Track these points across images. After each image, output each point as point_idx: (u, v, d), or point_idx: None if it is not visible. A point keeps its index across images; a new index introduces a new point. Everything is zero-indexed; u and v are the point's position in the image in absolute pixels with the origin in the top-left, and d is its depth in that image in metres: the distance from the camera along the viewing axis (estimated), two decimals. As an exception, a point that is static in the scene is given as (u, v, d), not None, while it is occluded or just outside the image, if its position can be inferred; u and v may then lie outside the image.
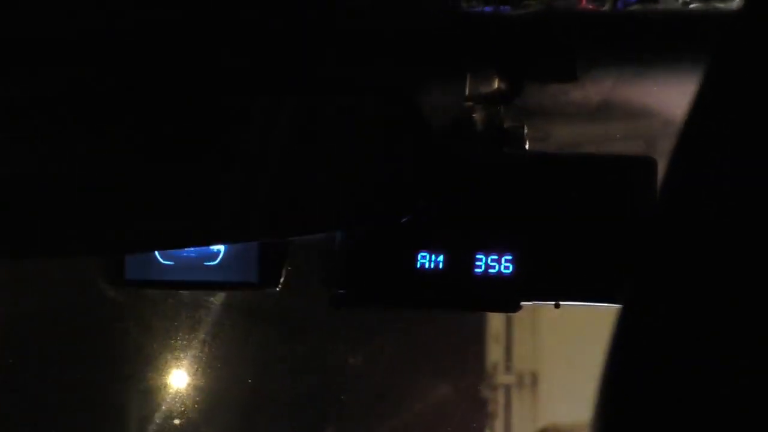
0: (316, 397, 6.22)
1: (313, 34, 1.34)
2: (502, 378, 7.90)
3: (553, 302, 1.27)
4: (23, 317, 6.22)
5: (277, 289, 1.38)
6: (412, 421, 7.15)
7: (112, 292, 5.34)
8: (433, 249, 1.25)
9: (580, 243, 1.22)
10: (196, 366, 5.69)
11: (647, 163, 1.26)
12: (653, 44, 1.26)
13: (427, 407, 7.34)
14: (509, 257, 1.24)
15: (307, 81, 1.32)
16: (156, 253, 1.43)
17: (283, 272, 1.38)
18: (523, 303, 1.29)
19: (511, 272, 1.24)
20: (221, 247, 1.39)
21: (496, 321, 7.85)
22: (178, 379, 5.89)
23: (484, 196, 1.27)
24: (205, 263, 1.36)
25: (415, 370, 6.58)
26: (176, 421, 5.57)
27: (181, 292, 4.81)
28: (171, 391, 5.96)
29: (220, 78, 1.30)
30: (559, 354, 7.45)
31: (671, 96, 1.36)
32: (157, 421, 5.70)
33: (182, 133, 1.29)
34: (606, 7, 1.07)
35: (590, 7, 1.07)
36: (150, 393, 6.07)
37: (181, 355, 5.70)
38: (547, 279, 1.23)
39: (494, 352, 7.88)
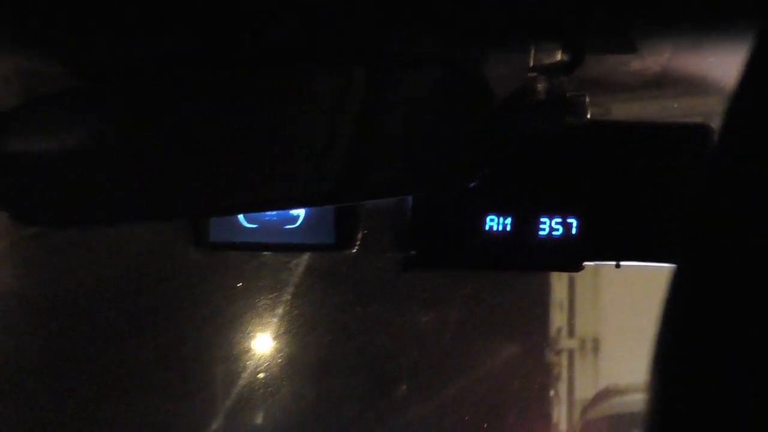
0: (390, 355, 6.26)
1: (382, 8, 1.34)
2: (566, 342, 7.89)
3: (614, 262, 1.25)
4: (112, 281, 6.33)
5: (353, 250, 1.37)
6: (480, 381, 7.20)
7: (197, 255, 5.44)
8: (500, 212, 1.27)
9: (640, 206, 1.22)
10: (278, 325, 5.79)
11: (704, 130, 1.25)
12: (707, 15, 1.24)
13: (493, 368, 7.37)
14: (572, 220, 1.24)
15: (376, 53, 1.32)
16: (240, 216, 1.43)
17: (359, 235, 1.43)
18: (585, 263, 1.27)
19: (574, 234, 1.25)
20: (301, 211, 1.42)
21: (559, 287, 7.88)
22: (261, 338, 6.34)
23: (548, 162, 1.28)
24: (286, 226, 1.41)
25: (482, 332, 6.67)
26: (260, 375, 5.70)
27: (263, 254, 4.90)
28: (255, 349, 6.35)
29: (295, 50, 1.31)
30: (620, 319, 7.39)
31: (729, 70, 1.34)
32: (244, 376, 5.81)
33: (261, 105, 1.29)
34: None
35: None
36: (236, 354, 5.98)
37: (264, 314, 5.82)
38: (609, 240, 1.23)
39: (558, 318, 7.89)
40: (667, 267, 1.31)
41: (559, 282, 7.81)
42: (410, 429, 6.69)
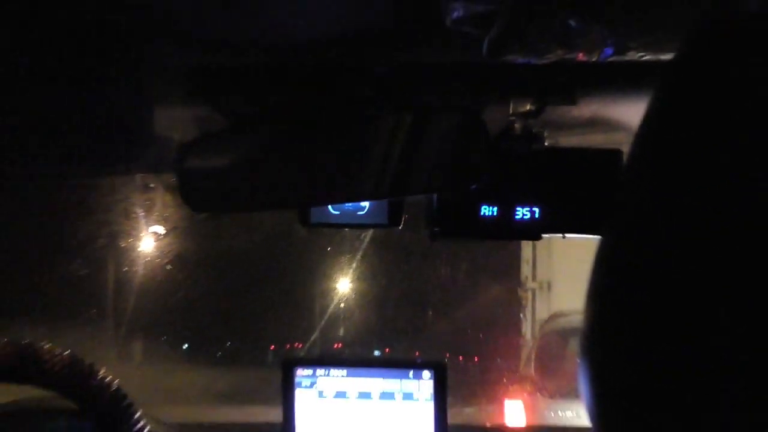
0: (423, 293, 6.79)
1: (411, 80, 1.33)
2: (530, 284, 8.18)
3: (561, 234, 1.27)
4: (250, 246, 6.94)
5: (399, 227, 1.42)
6: (478, 308, 7.67)
7: (303, 231, 6.01)
8: (491, 203, 1.27)
9: (577, 200, 1.23)
10: (353, 274, 6.60)
11: (617, 154, 1.26)
12: (625, 81, 1.26)
13: (486, 300, 7.91)
14: (536, 209, 1.27)
15: (412, 103, 1.35)
16: (329, 206, 1.50)
17: (403, 217, 1.43)
18: (543, 235, 1.29)
19: (537, 217, 1.26)
20: (367, 203, 1.53)
21: (527, 250, 8.34)
22: (342, 282, 7.27)
23: (521, 172, 1.29)
24: (358, 212, 1.52)
25: (480, 278, 7.23)
26: (341, 305, 6.35)
27: (344, 230, 5.28)
28: (338, 289, 7.32)
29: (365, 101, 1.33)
30: (565, 269, 7.54)
31: (637, 115, 1.34)
32: (331, 308, 6.36)
33: (347, 136, 1.33)
34: (594, 59, 1.08)
35: (584, 59, 1.08)
36: (327, 292, 7.17)
37: (344, 267, 6.61)
38: (558, 220, 1.25)
39: (525, 269, 8.62)
40: (595, 238, 1.31)
41: (527, 247, 8.25)
42: (436, 338, 7.22)
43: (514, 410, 5.02)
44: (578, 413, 4.60)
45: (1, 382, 1.26)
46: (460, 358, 6.48)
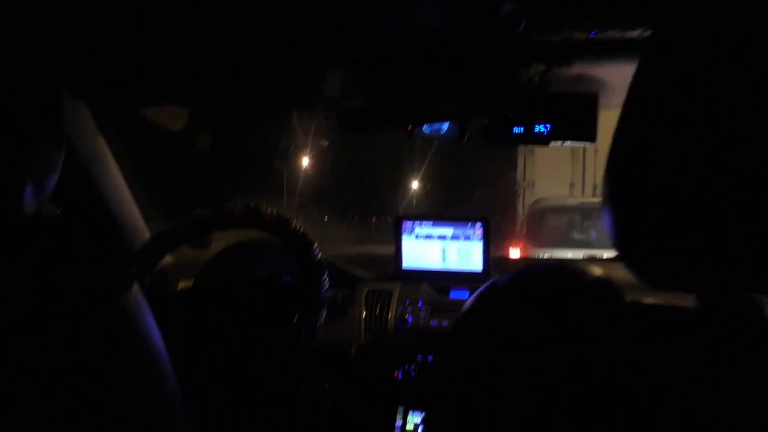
0: (460, 186, 6.77)
1: None
2: (521, 183, 7.95)
3: (561, 141, 1.18)
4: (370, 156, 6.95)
5: (464, 141, 1.27)
6: (490, 197, 7.54)
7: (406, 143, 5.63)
8: (519, 124, 1.17)
9: (570, 121, 1.13)
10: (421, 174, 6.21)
11: (593, 96, 1.16)
12: (602, 52, 1.16)
13: (496, 193, 7.74)
14: (547, 125, 1.16)
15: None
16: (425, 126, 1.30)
17: (467, 134, 1.27)
18: (552, 142, 1.18)
19: (547, 132, 1.16)
20: (446, 123, 1.29)
21: (520, 161, 8.13)
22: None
23: (537, 106, 1.18)
24: (442, 131, 1.29)
25: (493, 181, 6.98)
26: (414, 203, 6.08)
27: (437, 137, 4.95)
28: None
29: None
30: (542, 175, 7.38)
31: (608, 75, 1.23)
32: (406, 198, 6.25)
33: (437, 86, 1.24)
34: (584, 37, 1.04)
35: (578, 37, 1.03)
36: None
37: (416, 171, 6.30)
38: (558, 134, 1.16)
39: (519, 175, 8.16)
40: (578, 144, 1.22)
41: (520, 160, 8.04)
42: (468, 212, 7.15)
43: (515, 252, 5.31)
44: (550, 255, 4.71)
45: (235, 228, 1.34)
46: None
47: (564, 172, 8.01)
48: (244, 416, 1.27)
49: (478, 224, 1.53)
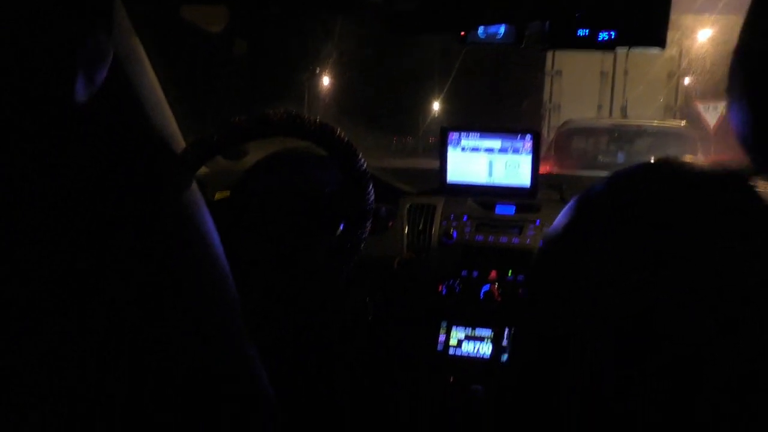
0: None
1: None
2: (547, 105, 7.73)
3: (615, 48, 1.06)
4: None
5: (522, 46, 1.19)
6: (522, 113, 7.50)
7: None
8: (584, 27, 1.08)
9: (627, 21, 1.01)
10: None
11: None
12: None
13: (514, 115, 7.72)
14: (612, 32, 1.04)
15: None
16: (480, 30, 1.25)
17: (524, 39, 1.22)
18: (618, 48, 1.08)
19: (611, 37, 1.07)
20: (503, 27, 1.25)
21: (547, 86, 7.98)
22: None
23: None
24: (497, 35, 1.24)
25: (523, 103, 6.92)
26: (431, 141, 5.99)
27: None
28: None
29: None
30: (567, 98, 7.20)
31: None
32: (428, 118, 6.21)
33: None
34: None
35: None
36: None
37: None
38: (608, 39, 1.05)
39: (545, 94, 8.12)
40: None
41: (547, 84, 7.78)
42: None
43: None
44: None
45: (276, 136, 1.18)
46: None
47: (591, 95, 7.78)
48: (286, 329, 1.26)
49: (528, 136, 1.45)
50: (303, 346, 1.31)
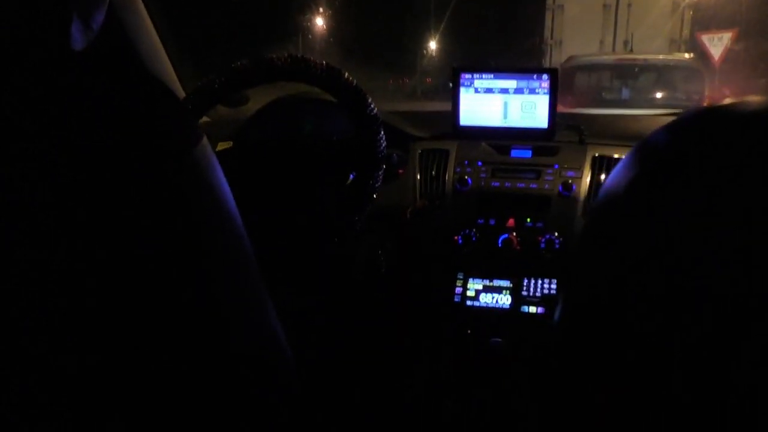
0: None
1: None
2: (549, 41, 7.59)
3: None
4: None
5: None
6: (520, 54, 7.38)
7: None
8: None
9: None
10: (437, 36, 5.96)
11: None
12: None
13: (526, 48, 7.58)
14: None
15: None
16: None
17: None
18: None
19: None
20: None
21: (548, 19, 7.75)
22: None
23: None
24: None
25: (523, 38, 6.80)
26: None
27: None
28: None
29: None
30: (569, 33, 7.08)
31: None
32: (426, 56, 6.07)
33: None
34: None
35: None
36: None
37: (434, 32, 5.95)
38: None
39: (546, 33, 7.83)
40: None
41: (548, 19, 7.58)
42: None
43: None
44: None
45: (280, 80, 1.15)
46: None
47: (593, 30, 7.56)
48: (297, 280, 1.21)
49: (545, 76, 1.36)
50: (315, 301, 1.25)
